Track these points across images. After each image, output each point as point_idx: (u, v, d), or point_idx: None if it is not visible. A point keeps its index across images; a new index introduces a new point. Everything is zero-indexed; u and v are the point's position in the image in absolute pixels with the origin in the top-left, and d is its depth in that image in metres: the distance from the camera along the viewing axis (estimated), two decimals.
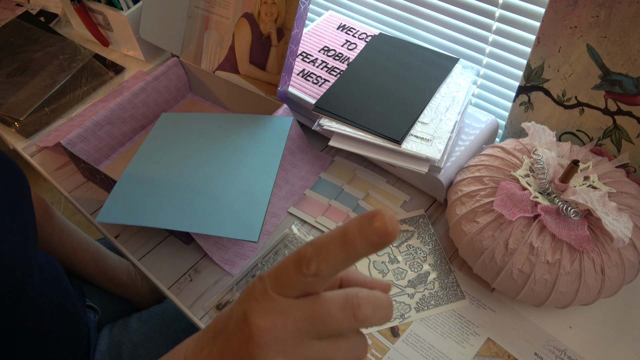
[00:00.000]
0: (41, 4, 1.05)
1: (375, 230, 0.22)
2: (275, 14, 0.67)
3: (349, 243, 0.23)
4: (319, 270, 0.24)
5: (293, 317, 0.25)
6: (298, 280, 0.25)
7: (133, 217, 0.60)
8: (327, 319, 0.25)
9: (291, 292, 0.26)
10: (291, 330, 0.25)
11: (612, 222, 0.48)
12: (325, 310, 0.25)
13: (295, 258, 0.25)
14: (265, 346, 0.25)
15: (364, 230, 0.22)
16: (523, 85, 0.65)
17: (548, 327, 0.56)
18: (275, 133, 0.66)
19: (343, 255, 0.23)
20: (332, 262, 0.24)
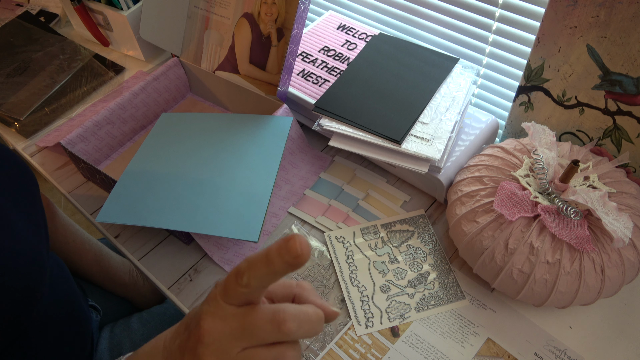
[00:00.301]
0: (41, 4, 1.05)
1: (289, 252, 0.26)
2: (275, 14, 0.67)
3: (270, 261, 0.27)
4: (249, 283, 0.28)
5: (230, 323, 0.29)
6: (236, 290, 0.29)
7: (133, 217, 0.60)
8: (255, 329, 0.29)
9: (233, 300, 0.30)
10: (227, 334, 0.29)
11: (612, 222, 0.48)
12: (255, 321, 0.29)
13: (235, 271, 0.29)
14: (208, 346, 0.30)
15: (281, 252, 0.27)
16: (523, 85, 0.65)
17: (548, 327, 0.56)
18: (275, 133, 0.66)
19: (266, 270, 0.27)
20: (259, 276, 0.28)
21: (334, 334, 0.57)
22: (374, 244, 0.64)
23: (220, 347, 0.30)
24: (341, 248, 0.64)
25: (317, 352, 0.55)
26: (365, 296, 0.59)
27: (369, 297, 0.59)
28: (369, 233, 0.65)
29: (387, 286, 0.60)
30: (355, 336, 0.56)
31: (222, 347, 0.30)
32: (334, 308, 0.33)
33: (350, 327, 0.57)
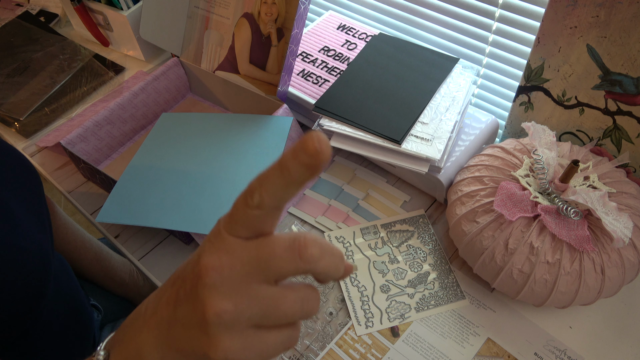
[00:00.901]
0: (41, 4, 1.05)
1: (305, 150, 0.22)
2: (275, 14, 0.67)
3: (285, 167, 0.23)
4: (261, 201, 0.24)
5: (240, 257, 0.25)
6: (245, 214, 0.25)
7: (133, 217, 0.60)
8: (273, 259, 0.24)
9: (242, 231, 0.25)
10: (238, 269, 0.25)
11: (612, 222, 0.48)
12: (272, 250, 0.25)
13: (244, 193, 0.25)
14: (213, 286, 0.25)
15: (297, 153, 0.22)
16: (523, 85, 0.65)
17: (548, 327, 0.56)
18: (275, 133, 0.66)
19: (281, 181, 0.23)
20: (272, 190, 0.24)
21: (334, 334, 0.57)
22: (374, 244, 0.64)
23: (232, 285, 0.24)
24: (341, 248, 0.64)
25: (317, 352, 0.55)
26: (365, 296, 0.59)
27: (369, 297, 0.59)
28: (369, 233, 0.65)
29: (387, 286, 0.60)
30: (355, 336, 0.56)
31: (235, 286, 0.25)
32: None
33: (350, 327, 0.57)
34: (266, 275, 0.25)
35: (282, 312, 0.26)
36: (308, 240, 0.25)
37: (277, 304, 0.25)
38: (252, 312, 0.25)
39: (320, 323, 0.58)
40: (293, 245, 0.25)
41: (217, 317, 0.24)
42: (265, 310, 0.25)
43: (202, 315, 0.25)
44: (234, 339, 0.25)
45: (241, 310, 0.25)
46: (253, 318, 0.25)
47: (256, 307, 0.25)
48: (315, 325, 0.58)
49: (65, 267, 0.63)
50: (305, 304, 0.26)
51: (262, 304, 0.25)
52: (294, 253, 0.25)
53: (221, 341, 0.25)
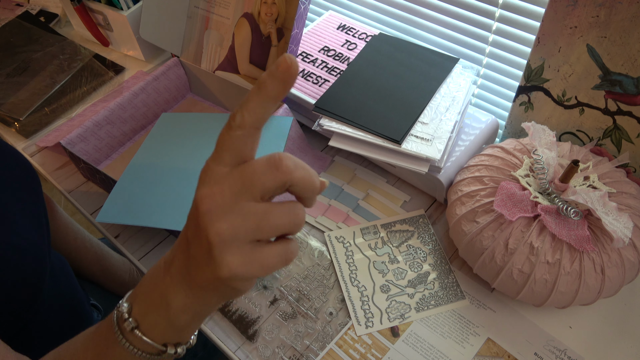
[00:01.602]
0: (41, 4, 1.05)
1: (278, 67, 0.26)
2: (275, 14, 0.67)
3: (262, 85, 0.27)
4: (243, 119, 0.27)
5: (227, 181, 0.28)
6: (229, 137, 0.28)
7: (133, 217, 0.60)
8: (254, 175, 0.28)
9: (227, 158, 0.28)
10: (227, 193, 0.28)
11: (612, 222, 0.48)
12: (253, 169, 0.28)
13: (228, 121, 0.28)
14: (208, 212, 0.28)
15: (271, 72, 0.27)
16: (523, 85, 0.65)
17: (548, 327, 0.56)
18: (275, 133, 0.66)
19: (259, 98, 0.27)
20: (252, 108, 0.27)
21: (334, 334, 0.57)
22: (374, 244, 0.64)
23: (225, 208, 0.28)
24: (341, 248, 0.64)
25: (317, 352, 0.56)
26: (365, 296, 0.59)
27: (369, 297, 0.59)
28: (369, 233, 0.65)
29: (387, 286, 0.60)
30: (355, 336, 0.56)
31: (228, 208, 0.28)
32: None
33: (350, 327, 0.57)
34: (252, 193, 0.28)
35: (273, 223, 0.28)
36: (282, 155, 0.28)
37: (267, 216, 0.28)
38: (247, 227, 0.28)
39: (320, 323, 0.58)
40: (270, 160, 0.28)
41: (217, 236, 0.27)
42: (258, 223, 0.28)
43: (206, 242, 0.28)
44: (235, 255, 0.28)
45: (236, 226, 0.28)
46: (248, 233, 0.28)
47: (249, 222, 0.28)
48: (315, 325, 0.58)
49: (64, 267, 0.63)
50: (292, 214, 0.29)
51: (254, 218, 0.28)
52: (272, 167, 0.28)
53: (224, 259, 0.28)
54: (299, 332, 0.57)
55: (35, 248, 0.47)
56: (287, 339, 0.57)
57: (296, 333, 0.57)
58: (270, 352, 0.56)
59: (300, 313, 0.59)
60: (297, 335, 0.57)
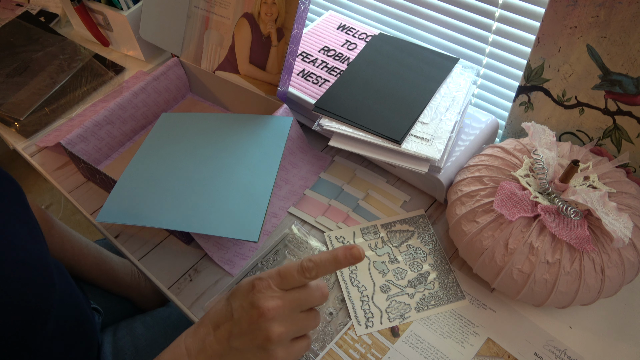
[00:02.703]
0: (41, 4, 1.05)
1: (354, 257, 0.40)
2: (275, 14, 0.67)
3: (339, 262, 0.40)
4: (316, 275, 0.41)
5: (289, 301, 0.41)
6: (300, 281, 0.41)
7: (133, 217, 0.60)
8: (310, 298, 0.42)
9: (288, 287, 0.41)
10: (287, 308, 0.40)
11: (612, 222, 0.48)
12: (307, 294, 0.42)
13: (299, 268, 0.41)
14: (273, 319, 0.39)
15: (347, 257, 0.40)
16: (523, 85, 0.66)
17: (548, 327, 0.56)
18: (275, 133, 0.66)
19: (333, 267, 0.40)
20: (324, 270, 0.41)
21: (334, 334, 0.57)
22: (374, 244, 0.64)
23: (284, 317, 0.40)
24: None
25: (317, 352, 0.55)
26: (365, 296, 0.59)
27: (369, 297, 0.59)
28: (369, 233, 0.65)
29: (387, 286, 0.60)
30: (355, 336, 0.56)
31: (286, 317, 0.40)
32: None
33: (350, 327, 0.57)
34: (303, 309, 0.42)
35: (306, 327, 0.42)
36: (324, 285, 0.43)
37: (306, 324, 0.42)
38: (293, 331, 0.41)
39: (320, 323, 0.58)
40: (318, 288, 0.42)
41: (278, 337, 0.39)
42: (300, 328, 0.42)
43: (266, 339, 0.39)
44: (283, 350, 0.41)
45: (289, 331, 0.40)
46: (293, 334, 0.41)
47: (295, 327, 0.41)
48: None
49: (63, 274, 0.62)
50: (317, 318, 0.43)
51: (299, 325, 0.41)
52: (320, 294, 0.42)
53: (277, 353, 0.40)
54: None
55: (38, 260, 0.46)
56: None
57: None
58: None
59: None
60: None
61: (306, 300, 0.41)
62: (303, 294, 0.41)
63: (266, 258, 0.64)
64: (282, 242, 0.65)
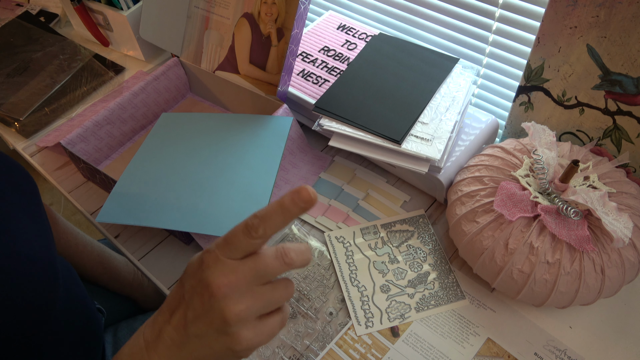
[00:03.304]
0: (41, 4, 1.05)
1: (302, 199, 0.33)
2: (275, 14, 0.67)
3: (286, 210, 0.33)
4: (265, 233, 0.33)
5: (242, 272, 0.34)
6: (247, 243, 0.34)
7: (133, 217, 0.60)
8: (266, 268, 0.34)
9: (238, 255, 0.34)
10: (242, 281, 0.34)
11: (612, 222, 0.48)
12: (264, 262, 0.34)
13: (244, 228, 0.34)
14: (225, 297, 0.33)
15: (295, 201, 0.33)
16: (523, 85, 0.65)
17: (548, 327, 0.56)
18: (275, 133, 0.66)
19: (282, 218, 0.33)
20: (274, 225, 0.33)
21: (334, 334, 0.57)
22: (374, 244, 0.64)
23: (240, 292, 0.34)
24: (341, 248, 0.64)
25: (317, 352, 0.56)
26: (365, 296, 0.59)
27: (369, 297, 0.59)
28: (369, 233, 0.65)
29: (387, 286, 0.60)
30: (355, 336, 0.56)
31: (242, 292, 0.34)
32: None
33: (350, 327, 0.57)
34: (262, 280, 0.35)
35: (275, 300, 0.35)
36: (288, 249, 0.35)
37: (271, 296, 0.35)
38: (257, 307, 0.35)
39: (320, 323, 0.58)
40: (278, 255, 0.35)
41: (235, 316, 0.33)
42: (265, 303, 0.35)
43: (222, 321, 0.34)
44: (249, 330, 0.34)
45: (249, 307, 0.34)
46: (258, 311, 0.35)
47: (259, 302, 0.35)
48: (315, 325, 0.58)
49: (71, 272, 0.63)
50: (288, 291, 0.36)
51: (262, 299, 0.35)
52: (280, 260, 0.34)
53: (241, 335, 0.34)
54: (299, 332, 0.57)
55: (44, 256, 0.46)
56: (287, 339, 0.57)
57: (296, 333, 0.57)
58: (270, 352, 0.56)
59: (300, 313, 0.59)
60: (297, 335, 0.57)
61: (264, 269, 0.34)
62: (259, 262, 0.34)
63: None
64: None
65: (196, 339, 0.35)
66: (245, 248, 0.34)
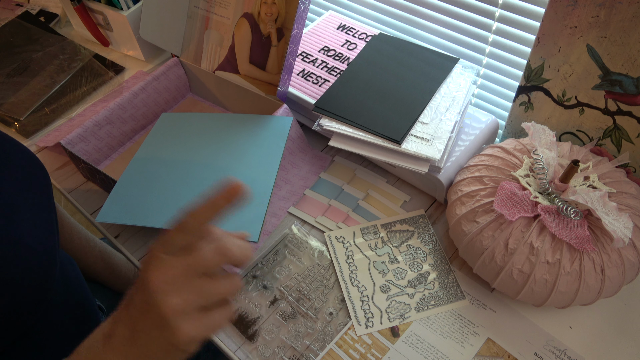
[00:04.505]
0: (41, 4, 1.05)
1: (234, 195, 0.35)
2: (275, 14, 0.67)
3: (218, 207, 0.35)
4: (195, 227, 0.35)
5: (179, 267, 0.34)
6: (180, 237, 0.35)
7: (133, 217, 0.60)
8: (203, 262, 0.35)
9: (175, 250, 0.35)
10: (179, 276, 0.34)
11: (612, 222, 0.48)
12: (202, 256, 0.35)
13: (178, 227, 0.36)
14: (163, 292, 0.34)
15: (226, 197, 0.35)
16: (523, 85, 0.65)
17: (548, 327, 0.56)
18: (275, 133, 0.66)
19: (211, 213, 0.35)
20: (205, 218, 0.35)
21: (334, 334, 0.57)
22: (374, 244, 0.64)
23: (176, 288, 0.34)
24: (341, 248, 0.64)
25: (317, 352, 0.55)
26: (365, 296, 0.59)
27: (369, 297, 0.59)
28: (369, 233, 0.65)
29: (387, 286, 0.60)
30: (355, 336, 0.56)
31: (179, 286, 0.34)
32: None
33: (350, 327, 0.57)
34: (200, 273, 0.35)
35: (216, 292, 0.35)
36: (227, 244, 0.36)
37: (211, 288, 0.35)
38: (196, 300, 0.34)
39: (320, 323, 0.58)
40: (215, 248, 0.35)
41: (173, 310, 0.33)
42: (205, 295, 0.35)
43: (161, 316, 0.33)
44: (190, 323, 0.34)
45: (187, 300, 0.34)
46: (197, 304, 0.35)
47: (197, 295, 0.34)
48: (315, 325, 0.58)
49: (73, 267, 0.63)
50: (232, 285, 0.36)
51: (202, 292, 0.35)
52: (218, 254, 0.35)
53: (181, 328, 0.34)
54: (299, 332, 0.57)
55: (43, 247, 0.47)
56: (287, 339, 0.57)
57: (296, 333, 0.57)
58: (270, 352, 0.56)
59: (300, 313, 0.59)
60: (297, 335, 0.57)
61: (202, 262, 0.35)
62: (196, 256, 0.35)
63: (266, 258, 0.64)
64: (282, 242, 0.65)
65: (143, 335, 0.35)
66: (179, 243, 0.35)
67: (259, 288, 0.61)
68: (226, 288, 0.36)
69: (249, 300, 0.60)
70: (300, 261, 0.63)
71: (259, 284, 0.61)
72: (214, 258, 0.35)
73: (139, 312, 0.35)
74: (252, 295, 0.60)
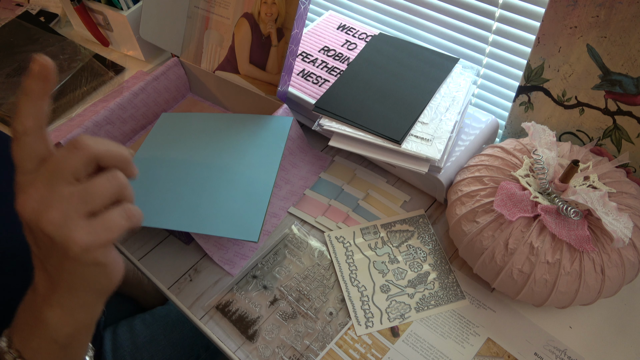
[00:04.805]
0: (41, 4, 1.05)
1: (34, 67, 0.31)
2: (275, 14, 0.67)
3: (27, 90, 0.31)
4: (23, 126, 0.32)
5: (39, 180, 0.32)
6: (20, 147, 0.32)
7: None
8: (59, 163, 0.31)
9: (28, 166, 0.32)
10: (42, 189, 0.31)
11: (612, 222, 0.48)
12: (56, 159, 0.32)
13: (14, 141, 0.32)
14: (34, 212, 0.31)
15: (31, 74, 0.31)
16: (523, 85, 0.65)
17: (548, 327, 0.56)
18: (275, 133, 0.66)
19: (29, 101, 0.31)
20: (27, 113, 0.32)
21: (334, 334, 0.57)
22: (374, 244, 0.64)
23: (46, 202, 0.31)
24: (341, 248, 0.64)
25: (317, 352, 0.55)
26: (365, 296, 0.59)
27: (369, 297, 0.59)
28: (369, 233, 0.65)
29: (387, 286, 0.60)
30: (355, 336, 0.56)
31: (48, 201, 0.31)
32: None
33: (350, 327, 0.57)
34: (64, 178, 0.31)
35: (97, 191, 0.32)
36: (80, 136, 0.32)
37: (88, 190, 0.32)
38: (73, 205, 0.31)
39: (320, 323, 0.58)
40: (68, 144, 0.32)
41: (50, 225, 0.31)
42: (83, 198, 0.32)
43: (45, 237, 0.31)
44: (76, 230, 0.31)
45: (63, 209, 0.31)
46: (78, 209, 0.31)
47: (73, 201, 0.31)
48: (315, 325, 0.58)
49: None
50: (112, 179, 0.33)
51: (76, 196, 0.31)
52: (71, 149, 0.32)
53: (67, 238, 0.31)
54: (299, 332, 0.57)
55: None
56: (287, 339, 0.57)
57: (296, 333, 0.57)
58: (270, 352, 0.56)
59: (300, 313, 0.59)
60: (297, 335, 0.57)
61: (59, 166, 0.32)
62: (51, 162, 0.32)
63: (266, 258, 0.64)
64: (282, 242, 0.65)
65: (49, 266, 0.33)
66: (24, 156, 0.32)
67: (259, 288, 0.61)
68: (106, 186, 0.33)
69: (249, 300, 0.60)
70: (300, 261, 0.63)
71: (259, 284, 0.61)
72: (70, 156, 0.32)
73: (36, 248, 0.34)
74: (252, 295, 0.61)
